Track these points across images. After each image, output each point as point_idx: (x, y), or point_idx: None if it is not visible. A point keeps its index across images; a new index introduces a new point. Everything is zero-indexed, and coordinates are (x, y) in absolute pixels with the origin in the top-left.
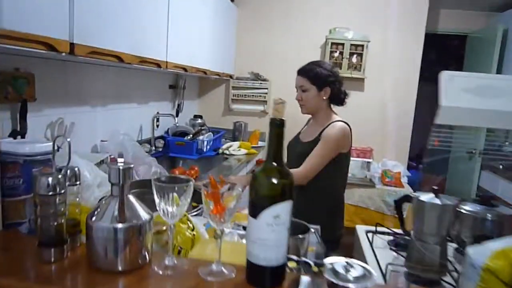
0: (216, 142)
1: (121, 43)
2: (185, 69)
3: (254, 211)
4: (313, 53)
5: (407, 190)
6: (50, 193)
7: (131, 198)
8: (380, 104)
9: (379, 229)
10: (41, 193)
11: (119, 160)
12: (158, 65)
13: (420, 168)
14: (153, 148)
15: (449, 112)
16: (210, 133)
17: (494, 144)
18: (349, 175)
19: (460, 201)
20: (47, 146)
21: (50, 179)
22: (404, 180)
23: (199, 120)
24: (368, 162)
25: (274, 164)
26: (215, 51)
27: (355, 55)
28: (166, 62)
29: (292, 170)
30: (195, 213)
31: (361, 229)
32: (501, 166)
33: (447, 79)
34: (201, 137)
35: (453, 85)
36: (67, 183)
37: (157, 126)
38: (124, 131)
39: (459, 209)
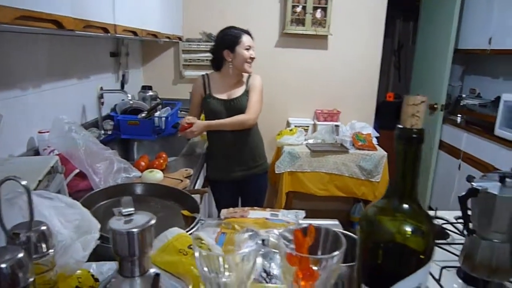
0: (173, 117)
1: (59, 4)
2: (135, 33)
3: (375, 281)
4: (272, 8)
5: (380, 152)
6: None
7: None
8: (345, 62)
9: None
10: None
11: (125, 210)
12: (106, 30)
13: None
14: (102, 131)
15: None
16: (168, 107)
17: (453, 97)
18: (319, 141)
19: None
20: None
21: (4, 267)
22: (374, 141)
23: (150, 92)
24: (337, 126)
25: (406, 204)
26: (163, 9)
27: (319, 10)
28: (114, 25)
29: (243, 116)
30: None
31: None
32: (458, 119)
33: None
34: (157, 113)
35: None
36: (33, 257)
37: (102, 103)
38: (65, 115)
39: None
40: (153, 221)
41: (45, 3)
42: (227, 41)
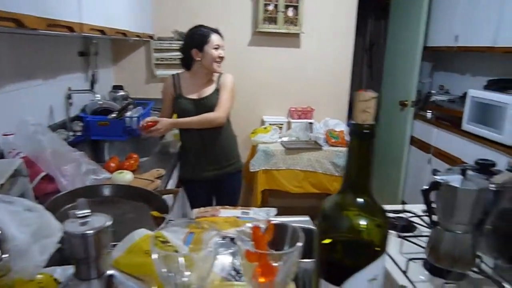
0: (145, 117)
1: (20, 1)
2: (102, 32)
3: (332, 274)
4: (244, 6)
5: None
6: None
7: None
8: (317, 61)
9: None
10: None
11: (80, 212)
12: (71, 29)
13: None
14: (70, 133)
15: None
16: (140, 107)
17: (423, 93)
18: (293, 138)
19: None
20: None
21: None
22: (348, 138)
23: (121, 92)
24: (310, 123)
25: (360, 198)
26: (133, 7)
27: (290, 8)
28: (81, 24)
29: (212, 114)
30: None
31: None
32: (428, 115)
33: None
34: (128, 113)
35: None
36: None
37: (71, 104)
38: (31, 117)
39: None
40: (108, 223)
41: (5, 0)
42: (195, 40)
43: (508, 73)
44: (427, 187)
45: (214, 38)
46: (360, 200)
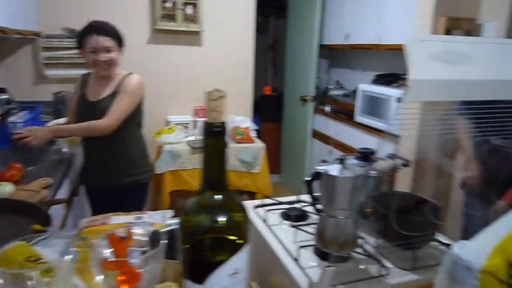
0: (34, 122)
1: None
2: None
3: (198, 273)
4: (140, 2)
5: (258, 144)
6: None
7: None
8: (220, 58)
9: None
10: None
11: None
12: None
13: (257, 117)
14: None
15: (419, 87)
16: (25, 111)
17: (321, 89)
18: (199, 137)
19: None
20: None
21: None
22: (253, 134)
23: (3, 95)
24: None
25: (218, 195)
26: (11, 1)
27: (189, 6)
28: None
29: (97, 122)
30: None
31: (248, 205)
32: (327, 109)
33: (413, 44)
34: (12, 118)
35: (420, 52)
36: None
37: None
38: None
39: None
40: None
41: None
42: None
43: (393, 68)
44: (309, 178)
45: (91, 40)
46: (218, 197)
